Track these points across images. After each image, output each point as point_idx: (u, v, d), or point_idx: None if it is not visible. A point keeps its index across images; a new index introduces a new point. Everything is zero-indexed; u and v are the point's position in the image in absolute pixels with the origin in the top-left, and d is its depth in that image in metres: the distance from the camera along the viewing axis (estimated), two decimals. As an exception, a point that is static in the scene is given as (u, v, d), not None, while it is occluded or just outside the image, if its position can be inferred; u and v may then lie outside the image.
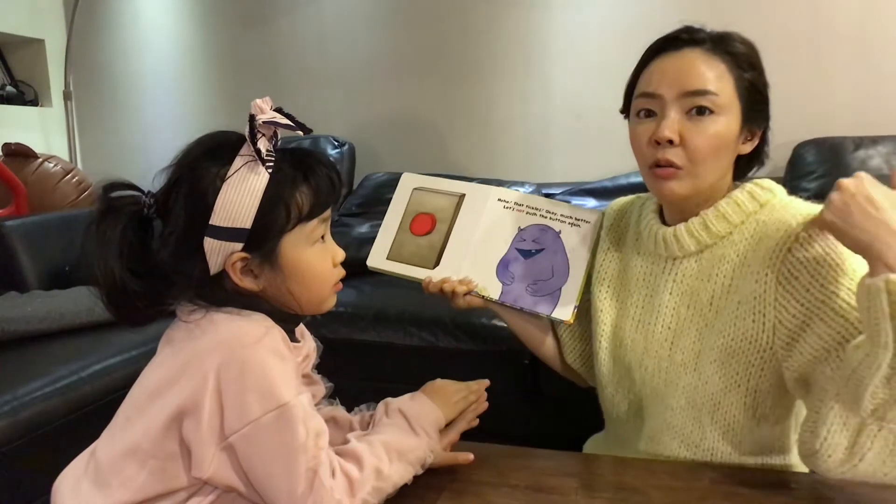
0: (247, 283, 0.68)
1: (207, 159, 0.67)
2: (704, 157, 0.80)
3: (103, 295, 0.66)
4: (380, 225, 2.11)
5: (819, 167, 1.91)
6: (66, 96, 2.97)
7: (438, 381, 0.87)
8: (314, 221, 0.69)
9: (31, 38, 2.94)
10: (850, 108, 2.07)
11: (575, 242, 0.97)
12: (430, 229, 1.03)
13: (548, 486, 0.83)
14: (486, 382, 0.88)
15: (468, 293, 0.97)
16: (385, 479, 0.69)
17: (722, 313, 0.82)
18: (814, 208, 0.77)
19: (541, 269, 0.97)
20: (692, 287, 0.85)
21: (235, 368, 0.63)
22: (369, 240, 2.00)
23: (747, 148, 0.85)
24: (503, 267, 0.98)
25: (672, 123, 0.80)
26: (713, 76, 0.80)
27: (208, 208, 0.65)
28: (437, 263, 1.00)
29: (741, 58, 0.82)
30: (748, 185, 0.84)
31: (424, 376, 1.53)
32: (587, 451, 1.05)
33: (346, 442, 0.73)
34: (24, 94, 2.98)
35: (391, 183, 2.30)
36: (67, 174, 2.50)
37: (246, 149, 0.67)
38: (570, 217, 0.99)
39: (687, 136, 0.79)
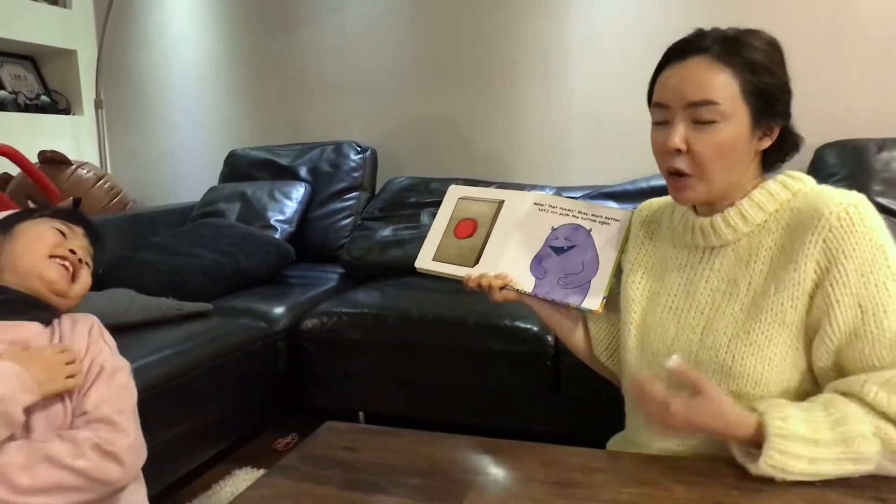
0: None
1: None
2: (711, 164, 0.83)
3: None
4: (402, 228, 2.16)
5: (841, 169, 1.90)
6: (98, 105, 3.05)
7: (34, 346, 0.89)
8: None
9: (64, 49, 3.03)
10: (872, 111, 2.06)
11: (604, 239, 1.04)
12: (471, 232, 1.12)
13: (574, 481, 0.85)
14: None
15: (503, 287, 1.03)
16: None
17: (759, 299, 0.84)
18: (844, 194, 0.81)
19: (572, 264, 1.04)
20: (729, 275, 0.88)
21: None
22: (391, 243, 2.07)
23: (766, 144, 0.86)
24: (537, 263, 1.05)
25: (678, 132, 0.83)
26: (716, 85, 0.82)
27: None
28: (476, 262, 1.08)
29: (752, 61, 0.83)
30: (779, 177, 0.87)
31: (446, 376, 1.56)
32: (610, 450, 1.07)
33: None
34: (58, 104, 3.08)
35: (413, 187, 2.34)
36: (100, 180, 2.58)
37: None
38: (601, 216, 1.06)
39: (692, 145, 0.83)
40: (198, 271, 1.91)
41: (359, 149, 2.52)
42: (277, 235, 2.26)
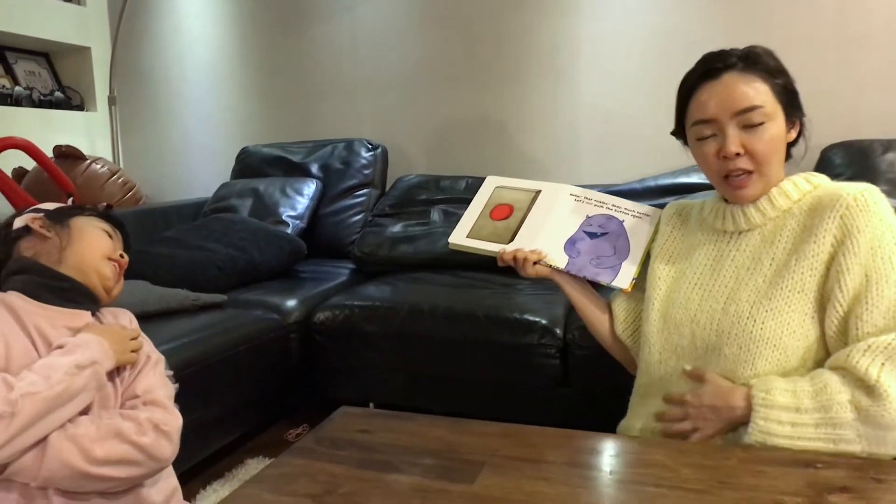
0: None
1: None
2: (768, 159, 0.94)
3: None
4: (412, 225, 2.19)
5: (847, 170, 1.92)
6: (111, 101, 3.10)
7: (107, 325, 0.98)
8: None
9: (78, 46, 3.08)
10: (878, 112, 2.09)
11: (636, 230, 1.13)
12: (507, 215, 1.19)
13: (583, 462, 0.88)
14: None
15: (537, 262, 1.10)
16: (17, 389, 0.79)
17: (781, 270, 0.93)
18: (859, 183, 0.92)
19: (604, 248, 1.12)
20: (754, 253, 0.97)
21: None
22: (402, 239, 2.09)
23: (793, 136, 0.98)
24: (571, 244, 1.13)
25: (735, 138, 0.93)
26: (755, 92, 0.93)
27: None
28: (511, 240, 1.15)
29: (770, 67, 0.95)
30: (803, 174, 0.98)
31: (456, 368, 1.58)
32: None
33: None
34: (71, 100, 3.12)
35: (423, 184, 2.37)
36: (113, 175, 2.62)
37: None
38: (633, 210, 1.15)
39: (749, 146, 0.94)
40: (212, 265, 1.95)
41: (370, 146, 2.55)
42: (289, 231, 2.29)
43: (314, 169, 2.55)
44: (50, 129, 2.88)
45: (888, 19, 2.06)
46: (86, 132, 3.09)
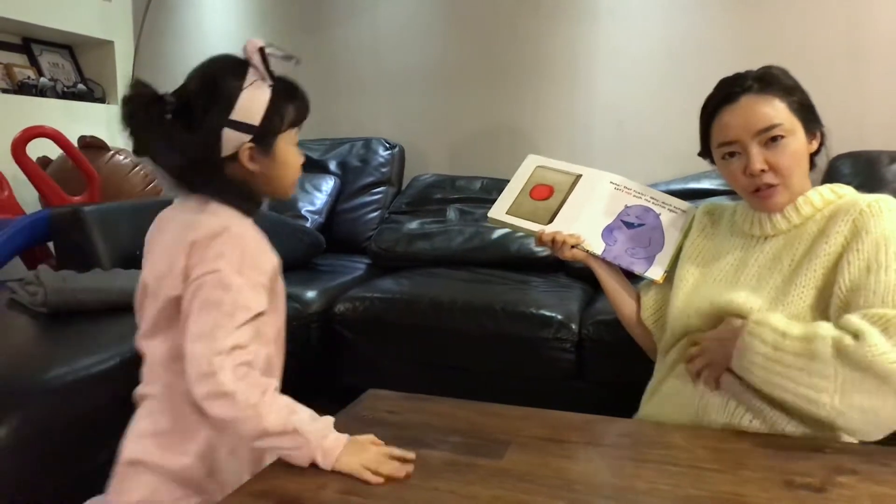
0: (250, 166, 0.89)
1: (228, 74, 0.88)
2: (792, 171, 1.01)
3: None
4: (429, 223, 2.24)
5: (854, 179, 1.97)
6: (133, 95, 3.15)
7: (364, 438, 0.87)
8: (295, 129, 0.93)
9: (102, 40, 3.13)
10: (885, 123, 2.13)
11: (671, 224, 1.17)
12: (547, 196, 1.22)
13: (604, 442, 0.93)
14: (411, 457, 0.85)
15: (575, 246, 1.15)
16: (258, 416, 0.80)
17: (798, 269, 0.98)
18: (878, 195, 0.98)
19: (640, 239, 1.16)
20: (776, 255, 1.03)
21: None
22: (419, 235, 2.15)
23: (814, 146, 1.05)
24: (608, 232, 1.17)
25: (758, 156, 1.00)
26: (773, 111, 1.00)
27: (230, 108, 0.86)
28: (550, 222, 1.18)
29: (785, 86, 1.02)
30: (830, 185, 1.04)
31: (473, 360, 1.63)
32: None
33: None
34: (93, 92, 3.18)
35: (439, 184, 2.42)
36: (136, 166, 2.67)
37: (253, 70, 0.89)
38: (670, 205, 1.20)
39: (772, 161, 1.00)
40: (236, 254, 1.99)
41: (387, 145, 2.60)
42: (308, 225, 2.35)
43: (332, 166, 2.60)
44: (72, 120, 2.93)
45: (895, 33, 2.11)
46: (107, 124, 3.14)
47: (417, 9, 2.68)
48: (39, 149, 2.60)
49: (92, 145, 2.63)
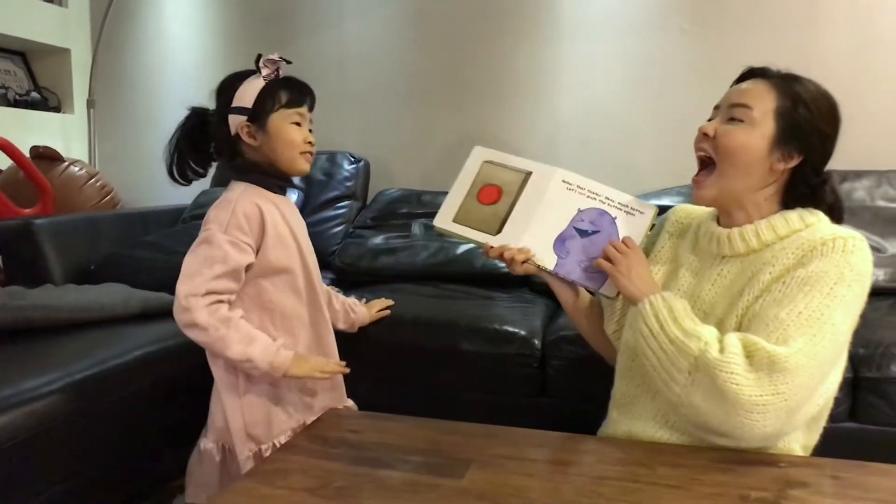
0: (249, 141, 1.15)
1: (234, 78, 1.19)
2: (728, 158, 0.96)
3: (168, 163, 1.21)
4: (393, 238, 2.22)
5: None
6: (90, 104, 3.07)
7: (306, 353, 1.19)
8: (290, 110, 1.16)
9: (58, 48, 3.05)
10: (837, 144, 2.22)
11: (629, 230, 1.08)
12: (496, 199, 1.14)
13: (565, 460, 0.93)
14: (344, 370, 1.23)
15: (525, 261, 1.09)
16: (224, 347, 1.07)
17: (739, 299, 0.94)
18: (845, 230, 0.92)
19: (594, 249, 1.08)
20: (731, 281, 0.98)
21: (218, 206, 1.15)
22: (383, 251, 2.13)
23: (781, 166, 0.96)
24: (560, 242, 1.09)
25: (714, 122, 0.98)
26: (756, 95, 0.96)
27: (231, 99, 1.15)
28: (499, 231, 1.11)
29: (795, 92, 0.95)
30: (799, 209, 0.97)
31: (437, 377, 1.62)
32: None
33: None
34: (48, 101, 3.09)
35: (404, 199, 2.41)
36: (91, 178, 2.60)
37: (254, 73, 1.17)
38: (627, 206, 1.10)
39: (718, 134, 0.97)
40: (195, 268, 1.95)
41: (352, 159, 2.59)
42: (269, 239, 2.31)
43: (296, 179, 2.56)
44: (25, 130, 2.84)
45: (845, 58, 2.20)
46: (62, 134, 3.05)
47: (384, 25, 2.69)
48: (-11, 159, 2.51)
49: (45, 156, 2.55)
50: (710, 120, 1.01)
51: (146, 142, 3.09)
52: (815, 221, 0.95)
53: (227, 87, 1.16)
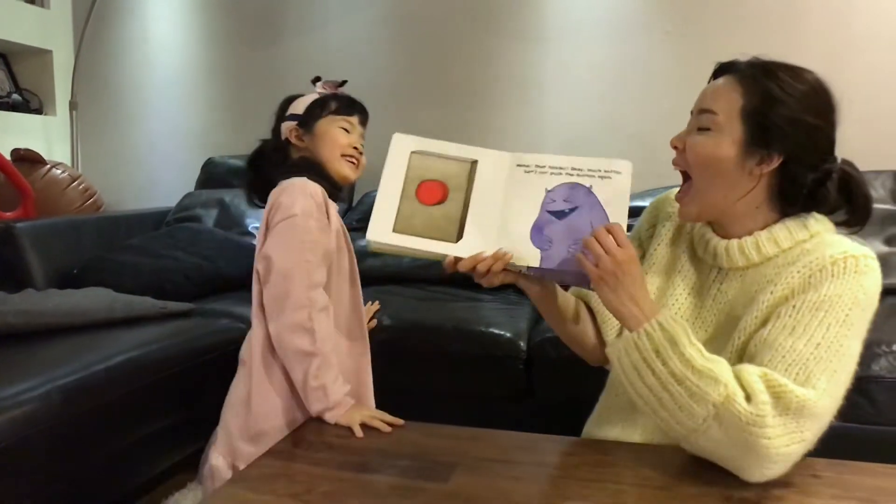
0: (297, 142, 1.18)
1: (292, 96, 1.24)
2: (698, 172, 0.89)
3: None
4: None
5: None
6: (72, 106, 3.04)
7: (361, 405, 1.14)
8: (339, 116, 1.20)
9: (40, 49, 3.02)
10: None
11: (609, 195, 0.90)
12: (441, 198, 0.93)
13: (548, 462, 0.93)
14: (400, 423, 1.06)
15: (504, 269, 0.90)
16: (321, 370, 1.05)
17: (738, 322, 0.88)
18: (855, 246, 0.83)
19: (579, 227, 0.89)
20: (732, 300, 0.91)
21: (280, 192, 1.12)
22: (369, 253, 2.12)
23: (763, 169, 0.86)
24: (537, 232, 0.91)
25: (683, 134, 0.92)
26: (720, 97, 0.87)
27: (286, 110, 1.22)
28: (459, 236, 0.91)
29: (765, 87, 0.85)
30: (803, 216, 0.88)
31: (424, 380, 1.62)
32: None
33: None
34: (29, 103, 3.05)
35: (390, 200, 2.41)
36: (74, 181, 2.57)
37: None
38: (599, 170, 0.92)
39: (686, 147, 0.90)
40: (180, 273, 1.94)
41: (338, 161, 2.58)
42: (255, 242, 2.29)
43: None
44: (6, 132, 2.80)
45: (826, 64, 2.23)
46: (43, 137, 3.02)
47: (368, 27, 2.69)
48: (-31, 161, 2.47)
49: (27, 158, 2.52)
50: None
51: (129, 144, 3.06)
52: (821, 230, 0.87)
53: (285, 104, 1.23)
